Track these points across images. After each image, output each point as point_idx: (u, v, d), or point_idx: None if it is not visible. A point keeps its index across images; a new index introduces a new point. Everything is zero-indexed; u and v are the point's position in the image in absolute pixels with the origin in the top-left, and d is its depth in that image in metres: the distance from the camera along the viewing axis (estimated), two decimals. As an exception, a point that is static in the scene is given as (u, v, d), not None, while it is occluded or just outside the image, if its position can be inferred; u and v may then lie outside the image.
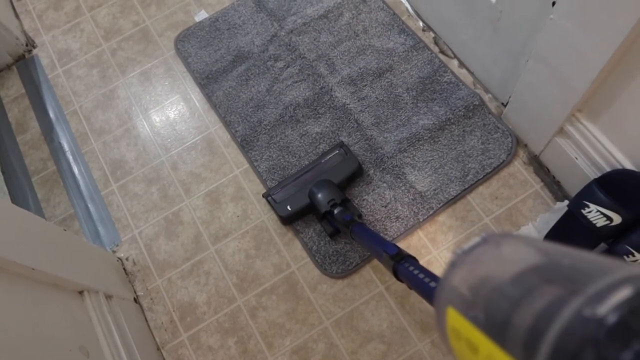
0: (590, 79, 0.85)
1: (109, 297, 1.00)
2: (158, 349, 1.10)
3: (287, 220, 1.16)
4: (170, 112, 1.34)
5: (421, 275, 0.65)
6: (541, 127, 1.08)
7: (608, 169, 0.94)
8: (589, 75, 0.85)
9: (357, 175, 1.18)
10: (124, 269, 1.18)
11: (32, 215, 0.87)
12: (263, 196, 1.19)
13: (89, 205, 1.25)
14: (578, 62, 0.86)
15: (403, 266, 0.73)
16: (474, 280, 0.29)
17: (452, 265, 0.31)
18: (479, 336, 0.26)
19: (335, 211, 1.08)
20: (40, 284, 0.82)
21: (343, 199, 1.11)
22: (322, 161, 1.18)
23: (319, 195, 1.12)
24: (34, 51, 1.46)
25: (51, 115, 1.37)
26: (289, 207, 1.14)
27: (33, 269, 0.78)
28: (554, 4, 0.87)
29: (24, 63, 1.45)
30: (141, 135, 1.32)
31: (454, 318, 0.29)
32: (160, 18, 1.47)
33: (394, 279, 1.10)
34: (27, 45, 1.45)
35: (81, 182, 1.28)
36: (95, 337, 0.90)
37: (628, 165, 0.90)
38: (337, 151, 1.19)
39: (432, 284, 0.59)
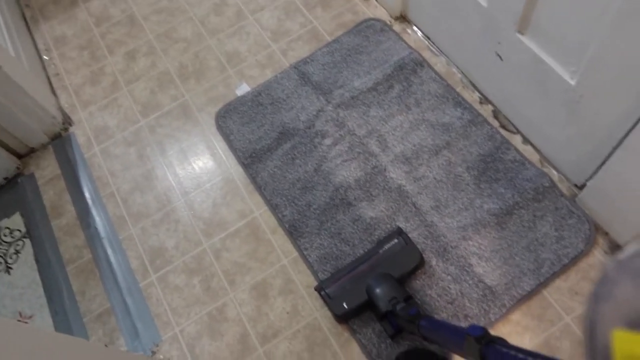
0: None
1: (151, 418, 0.90)
2: None
3: (343, 318, 1.06)
4: (212, 194, 1.26)
5: (521, 356, 0.54)
6: (628, 218, 0.97)
7: None
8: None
9: (418, 267, 1.08)
10: (165, 373, 1.08)
11: (84, 342, 0.79)
12: (315, 290, 1.09)
13: (127, 299, 1.16)
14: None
15: (494, 349, 0.60)
16: None
17: (607, 281, 0.27)
18: None
19: (398, 307, 0.97)
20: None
21: (406, 297, 1.00)
22: (380, 251, 1.08)
23: (378, 291, 1.02)
24: (71, 129, 1.41)
25: (87, 198, 1.30)
26: (345, 305, 1.04)
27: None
28: (653, 95, 0.78)
29: (60, 142, 1.40)
30: (181, 220, 1.24)
31: (628, 340, 0.25)
32: (199, 92, 1.41)
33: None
34: (63, 123, 1.40)
35: (118, 273, 1.19)
36: None
37: None
38: (395, 240, 1.09)
39: None
